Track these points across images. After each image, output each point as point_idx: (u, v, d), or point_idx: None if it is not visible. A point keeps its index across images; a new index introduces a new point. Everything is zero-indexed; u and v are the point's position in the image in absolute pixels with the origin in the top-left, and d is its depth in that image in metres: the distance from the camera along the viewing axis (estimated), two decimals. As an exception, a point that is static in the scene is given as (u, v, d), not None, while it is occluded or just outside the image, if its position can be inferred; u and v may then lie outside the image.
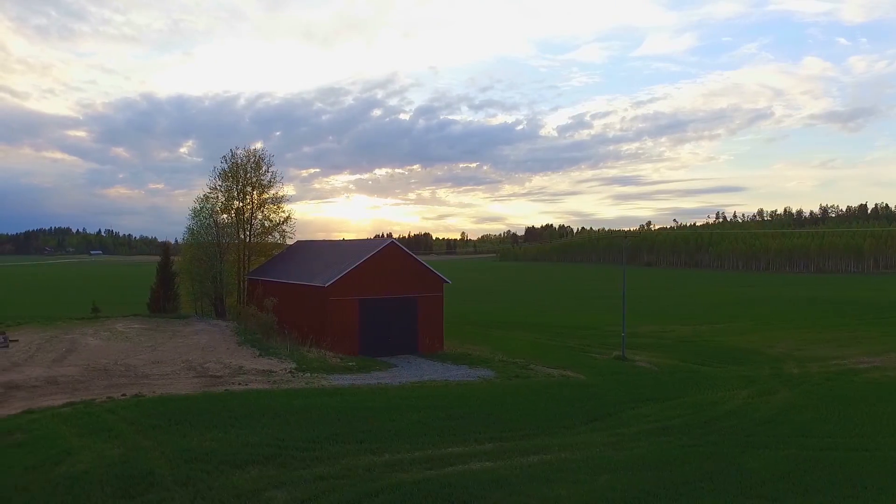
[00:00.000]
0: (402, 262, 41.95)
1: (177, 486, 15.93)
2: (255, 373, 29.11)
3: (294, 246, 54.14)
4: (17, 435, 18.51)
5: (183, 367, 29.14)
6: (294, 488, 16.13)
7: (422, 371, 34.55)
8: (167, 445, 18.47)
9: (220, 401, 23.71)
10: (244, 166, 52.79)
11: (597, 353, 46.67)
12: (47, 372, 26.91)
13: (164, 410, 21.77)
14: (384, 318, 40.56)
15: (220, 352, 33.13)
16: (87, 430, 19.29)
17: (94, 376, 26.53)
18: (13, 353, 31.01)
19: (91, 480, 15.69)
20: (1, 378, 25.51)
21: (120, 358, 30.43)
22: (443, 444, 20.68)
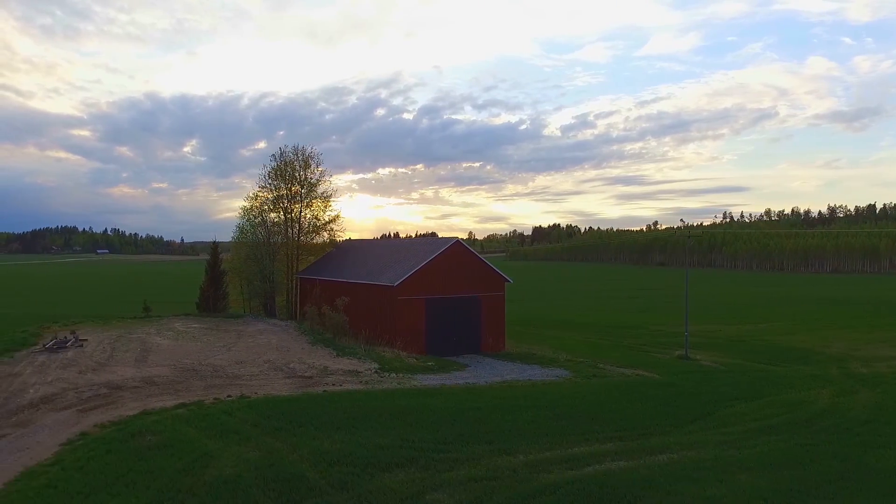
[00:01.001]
0: (465, 261, 41.46)
1: (333, 489, 15.47)
2: (342, 373, 28.59)
3: (343, 245, 53.58)
4: (149, 437, 17.98)
5: (268, 368, 28.62)
6: (453, 491, 15.70)
7: (498, 371, 34.02)
8: (301, 447, 17.98)
9: (327, 402, 23.17)
10: (292, 164, 52.25)
11: (656, 353, 46.21)
12: (139, 372, 26.38)
13: (277, 412, 21.24)
14: (449, 317, 40.08)
15: (295, 352, 32.61)
16: (215, 433, 18.76)
17: (187, 377, 26.00)
18: (92, 352, 30.50)
19: (247, 484, 15.20)
20: (99, 378, 25.00)
21: (201, 358, 29.89)
22: (566, 444, 20.31)
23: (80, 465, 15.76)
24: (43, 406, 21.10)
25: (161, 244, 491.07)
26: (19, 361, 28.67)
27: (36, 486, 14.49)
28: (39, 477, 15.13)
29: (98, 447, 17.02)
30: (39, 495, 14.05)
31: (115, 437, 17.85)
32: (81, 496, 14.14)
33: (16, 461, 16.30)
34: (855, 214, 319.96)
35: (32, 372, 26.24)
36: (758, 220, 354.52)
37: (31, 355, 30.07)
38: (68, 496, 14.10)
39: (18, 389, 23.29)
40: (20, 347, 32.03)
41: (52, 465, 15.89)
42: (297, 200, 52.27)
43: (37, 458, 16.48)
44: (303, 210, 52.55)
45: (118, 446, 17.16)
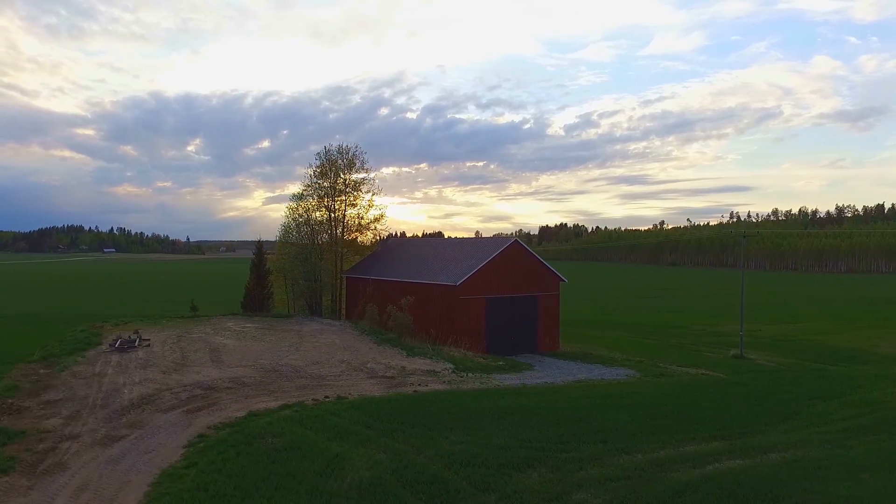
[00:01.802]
0: (523, 261, 41.21)
1: (477, 490, 15.17)
2: (422, 373, 28.28)
3: (390, 244, 53.25)
4: (270, 439, 17.65)
5: (346, 368, 28.29)
6: (596, 491, 15.43)
7: (567, 371, 33.69)
8: (424, 449, 17.66)
9: (425, 402, 22.80)
10: (336, 164, 51.89)
11: (707, 352, 45.93)
12: (222, 373, 26.04)
13: (382, 413, 20.89)
14: (507, 316, 39.82)
15: (365, 352, 32.28)
16: (333, 435, 18.42)
17: (273, 377, 25.65)
18: (163, 352, 30.17)
19: (393, 487, 14.88)
20: (186, 379, 24.69)
21: (275, 358, 29.56)
22: (675, 443, 20.03)
23: (217, 468, 15.42)
24: (146, 407, 20.78)
25: (167, 243, 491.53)
26: (95, 361, 28.40)
27: (185, 489, 14.16)
28: (182, 479, 14.80)
29: (226, 449, 16.67)
30: (194, 498, 13.72)
31: (237, 440, 17.50)
32: (236, 498, 13.83)
33: (149, 462, 15.99)
34: (864, 214, 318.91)
35: (115, 372, 25.93)
36: (765, 219, 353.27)
37: (104, 355, 29.79)
38: (223, 499, 13.77)
39: (112, 390, 22.99)
40: (87, 347, 31.81)
41: (188, 468, 15.56)
42: (342, 200, 51.92)
43: (167, 460, 16.17)
44: (347, 209, 52.24)
45: (245, 449, 16.81)
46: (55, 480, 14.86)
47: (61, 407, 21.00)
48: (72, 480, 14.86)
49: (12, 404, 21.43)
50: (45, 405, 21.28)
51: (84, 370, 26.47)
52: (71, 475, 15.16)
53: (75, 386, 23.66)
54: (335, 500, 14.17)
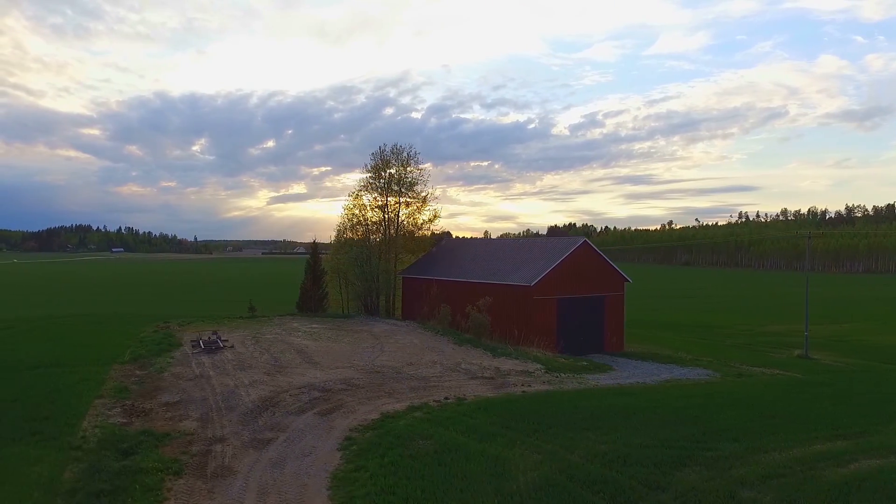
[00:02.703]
0: (592, 261, 41.06)
1: (650, 489, 14.94)
2: (517, 374, 28.09)
3: (443, 245, 53.05)
4: (421, 441, 17.45)
5: (443, 369, 28.07)
6: (760, 489, 15.22)
7: (647, 371, 33.49)
8: (574, 449, 17.41)
9: (543, 403, 22.60)
10: (389, 163, 51.66)
11: (769, 352, 45.75)
12: (326, 374, 25.81)
13: (510, 414, 20.65)
14: (576, 316, 39.66)
15: (450, 352, 32.08)
16: (478, 436, 18.12)
17: (379, 379, 25.41)
18: (251, 353, 29.93)
19: (569, 487, 14.70)
20: (295, 380, 24.45)
21: (368, 359, 29.32)
22: (802, 443, 19.70)
23: (390, 471, 15.19)
24: (274, 409, 20.59)
25: (174, 243, 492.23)
26: (186, 362, 28.23)
27: (373, 492, 13.93)
28: (358, 482, 14.57)
29: (387, 452, 16.43)
30: (387, 502, 13.58)
31: (389, 442, 17.29)
32: (429, 501, 13.66)
33: (312, 465, 15.80)
34: (874, 214, 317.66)
35: (217, 374, 25.74)
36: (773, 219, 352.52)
37: (193, 356, 29.63)
38: (416, 501, 13.61)
39: (227, 392, 22.80)
40: (170, 348, 31.62)
41: (357, 471, 15.35)
42: (396, 199, 51.69)
43: (330, 463, 15.99)
44: (401, 209, 52.01)
45: (404, 451, 16.59)
46: (231, 483, 14.69)
47: (185, 409, 20.83)
48: (248, 484, 14.68)
49: (133, 406, 21.31)
50: (167, 407, 21.11)
51: (183, 371, 26.31)
52: (244, 479, 14.97)
53: (186, 388, 23.48)
54: (523, 500, 14.01)
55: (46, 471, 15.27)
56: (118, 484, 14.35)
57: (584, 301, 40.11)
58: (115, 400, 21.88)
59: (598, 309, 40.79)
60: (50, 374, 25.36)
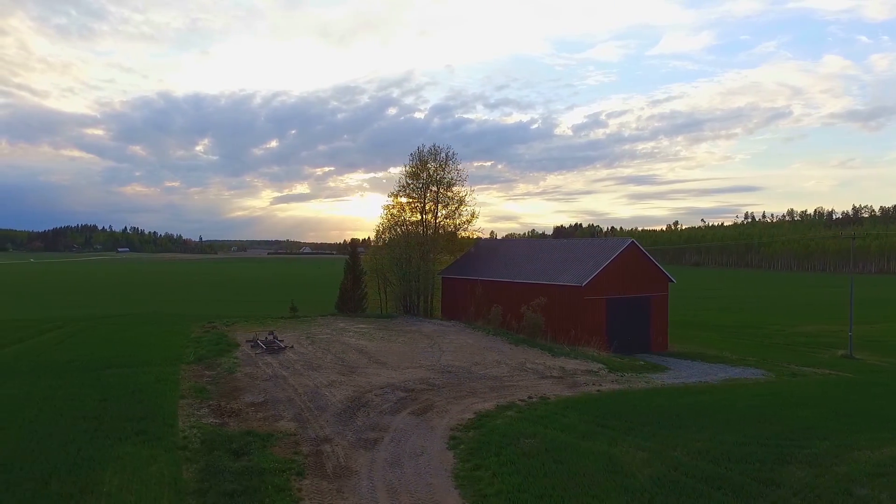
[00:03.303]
0: (638, 262, 41.21)
1: (764, 486, 15.10)
2: (584, 373, 28.16)
3: (481, 245, 53.14)
4: (525, 440, 17.54)
5: (510, 369, 28.13)
6: (873, 486, 15.34)
7: (700, 370, 33.53)
8: (677, 447, 17.50)
9: (623, 401, 22.78)
10: (427, 164, 51.72)
11: (811, 352, 45.73)
12: (402, 374, 25.86)
13: (598, 413, 20.72)
14: (624, 316, 39.79)
15: (509, 352, 32.14)
16: (578, 434, 18.22)
17: (455, 379, 25.43)
18: (312, 353, 29.97)
19: (689, 483, 14.83)
20: (375, 380, 24.52)
21: (433, 359, 29.37)
22: (888, 441, 19.82)
23: (511, 469, 15.24)
24: (367, 409, 20.66)
25: (179, 243, 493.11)
26: (253, 362, 28.32)
27: (506, 490, 14.05)
28: (484, 481, 14.66)
29: (501, 451, 16.52)
30: (521, 500, 13.63)
31: (496, 440, 17.39)
32: (565, 499, 13.76)
33: (429, 465, 15.87)
34: (881, 215, 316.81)
35: (291, 374, 25.81)
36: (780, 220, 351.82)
37: (257, 356, 29.76)
38: (549, 499, 13.70)
39: (310, 392, 22.88)
40: (228, 348, 31.76)
41: (477, 470, 15.43)
42: (434, 200, 51.76)
43: (445, 462, 16.06)
44: (439, 210, 52.06)
45: (515, 449, 16.65)
46: (357, 483, 14.76)
47: (274, 409, 20.88)
48: (374, 483, 14.75)
49: (220, 406, 21.39)
50: (255, 407, 21.18)
51: (255, 372, 26.38)
52: (368, 478, 15.04)
53: (266, 388, 23.55)
54: (650, 497, 14.10)
55: (164, 470, 15.35)
56: (247, 484, 14.40)
57: (631, 301, 40.25)
58: (198, 400, 21.95)
59: (644, 309, 40.92)
60: (123, 374, 25.48)
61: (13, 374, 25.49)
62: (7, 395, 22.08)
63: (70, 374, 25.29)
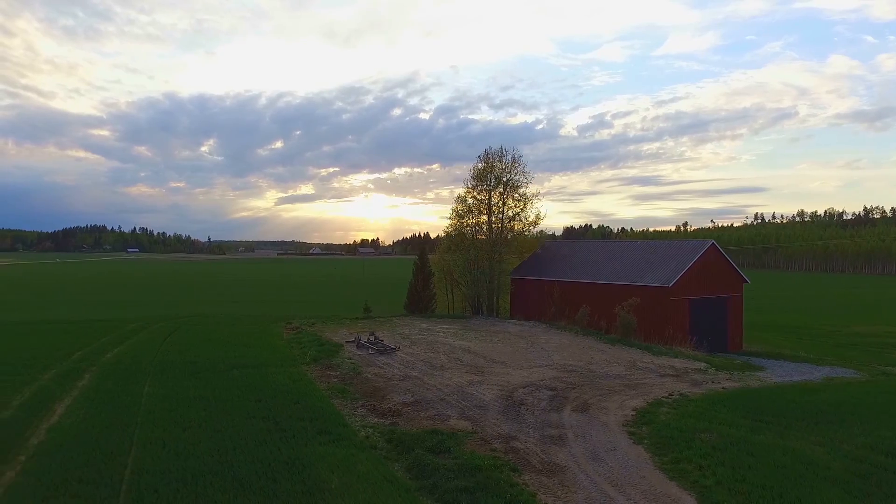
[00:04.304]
0: (717, 263, 41.91)
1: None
2: (695, 371, 28.72)
3: (547, 246, 53.78)
4: (702, 435, 18.07)
5: (626, 368, 28.59)
6: None
7: (791, 369, 34.03)
8: (844, 442, 17.95)
9: (753, 398, 23.52)
10: (493, 164, 52.33)
11: (884, 352, 46.33)
12: (531, 374, 26.40)
13: (743, 409, 21.20)
14: (705, 317, 40.48)
15: (611, 351, 32.70)
16: (744, 429, 18.78)
17: (587, 378, 25.88)
18: (426, 354, 30.52)
19: (883, 477, 15.36)
20: (513, 380, 25.03)
21: (544, 359, 29.96)
22: None
23: (716, 462, 15.78)
24: (524, 407, 21.21)
25: (188, 243, 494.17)
26: (372, 363, 28.77)
27: (723, 481, 14.59)
28: (694, 473, 15.19)
29: (691, 445, 17.09)
30: (746, 490, 14.14)
31: (673, 435, 17.95)
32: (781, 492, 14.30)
33: (630, 459, 16.40)
34: (892, 216, 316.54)
35: (420, 375, 26.26)
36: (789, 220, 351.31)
37: (369, 356, 30.30)
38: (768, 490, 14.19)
39: (454, 391, 23.39)
40: (335, 350, 32.21)
41: (677, 463, 15.94)
42: (501, 201, 52.39)
43: (644, 457, 16.59)
44: (505, 211, 52.68)
45: (702, 444, 17.17)
46: (575, 477, 15.27)
47: (434, 408, 21.34)
48: (591, 477, 15.24)
49: (375, 406, 21.88)
50: (412, 407, 21.64)
51: (381, 372, 26.84)
52: (582, 473, 15.54)
53: (409, 388, 24.02)
54: (857, 487, 14.64)
55: (372, 469, 15.61)
56: (474, 480, 14.77)
57: (711, 301, 40.94)
58: (346, 401, 22.39)
59: (722, 309, 41.62)
60: (252, 374, 25.91)
61: (145, 375, 25.94)
62: (157, 394, 22.47)
63: (202, 375, 25.65)
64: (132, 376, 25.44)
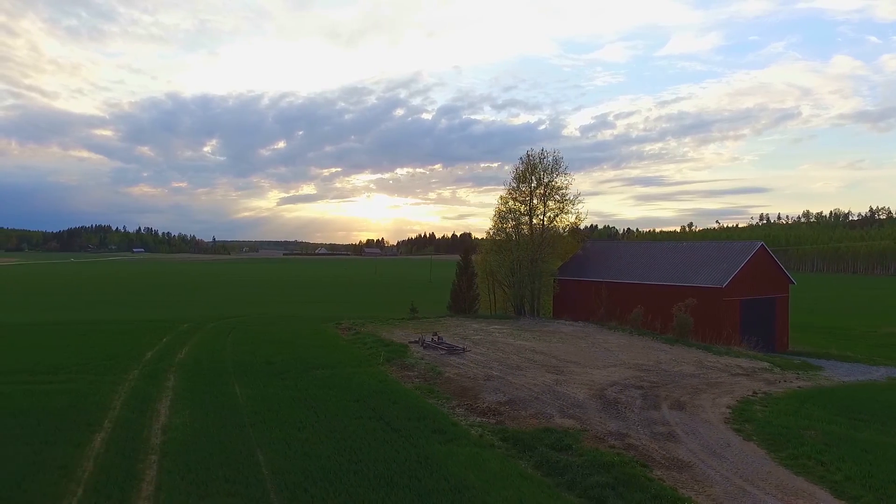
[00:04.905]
0: (766, 264, 42.55)
1: None
2: (763, 370, 29.35)
3: (588, 247, 54.36)
4: (810, 433, 18.66)
5: (695, 366, 29.21)
6: None
7: (850, 369, 34.75)
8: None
9: (833, 396, 24.16)
10: (534, 166, 52.86)
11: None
12: (610, 373, 27.01)
13: (830, 407, 21.86)
14: (754, 317, 41.13)
15: (673, 351, 33.31)
16: (844, 426, 19.51)
17: (657, 377, 26.51)
18: (496, 355, 31.01)
19: None
20: (596, 379, 25.57)
21: (614, 358, 30.62)
22: None
23: (836, 457, 16.36)
24: (621, 405, 21.77)
25: (193, 243, 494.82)
26: (446, 363, 29.21)
27: (852, 477, 15.15)
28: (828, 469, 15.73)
29: (804, 442, 17.65)
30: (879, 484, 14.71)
31: (782, 433, 18.48)
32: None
33: (748, 455, 16.96)
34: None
35: (501, 374, 26.74)
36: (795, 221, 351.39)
37: (441, 357, 30.76)
38: None
39: (547, 391, 23.92)
40: (403, 350, 32.61)
41: (796, 459, 16.47)
42: (542, 203, 52.91)
43: (759, 453, 17.18)
44: (547, 213, 53.18)
45: (813, 441, 17.75)
46: (704, 472, 15.78)
47: (532, 407, 21.84)
48: (723, 474, 15.72)
49: (471, 406, 22.35)
50: (509, 406, 22.09)
51: (462, 372, 27.26)
52: (711, 469, 16.04)
53: (499, 388, 24.45)
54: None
55: (503, 467, 15.85)
56: (612, 476, 15.18)
57: (760, 302, 41.58)
58: (440, 400, 22.76)
59: (770, 309, 42.23)
60: (335, 375, 26.30)
61: (227, 375, 26.21)
62: (251, 395, 22.61)
63: (286, 376, 25.84)
64: (216, 377, 25.71)
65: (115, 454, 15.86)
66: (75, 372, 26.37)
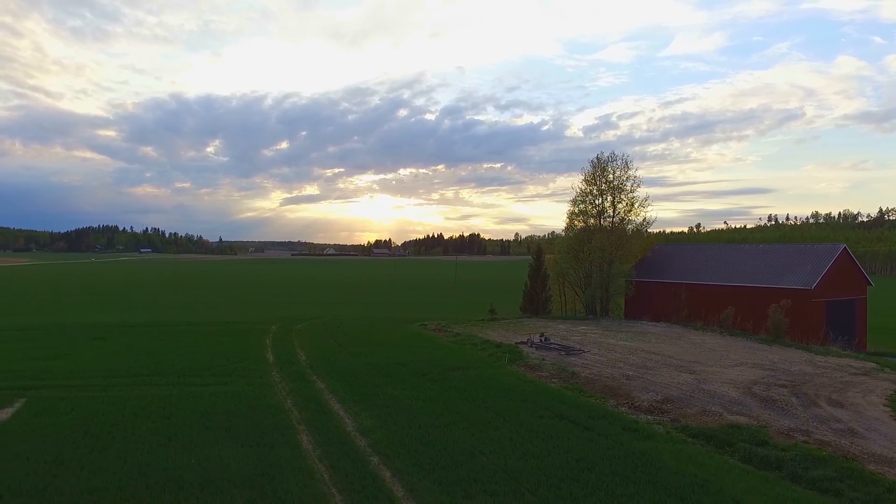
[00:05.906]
0: (847, 266, 43.65)
1: None
2: (874, 370, 30.40)
3: (656, 250, 55.53)
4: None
5: (807, 365, 30.35)
6: None
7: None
8: None
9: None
10: (604, 167, 53.88)
11: None
12: (739, 372, 28.10)
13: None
14: (836, 317, 42.22)
15: (772, 351, 34.48)
16: None
17: (785, 377, 27.61)
18: (612, 357, 31.98)
19: None
20: (733, 377, 26.68)
21: (726, 359, 31.71)
22: None
23: None
24: (776, 403, 22.81)
25: (199, 244, 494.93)
26: (573, 364, 30.03)
27: None
28: None
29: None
30: None
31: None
32: None
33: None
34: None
35: (637, 374, 27.68)
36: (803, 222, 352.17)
37: (562, 358, 31.73)
38: None
39: (695, 389, 24.93)
40: (515, 351, 33.48)
41: None
42: (612, 205, 53.99)
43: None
44: (616, 214, 54.22)
45: None
46: None
47: (694, 405, 22.65)
48: None
49: (631, 405, 23.30)
50: (672, 404, 22.75)
51: (598, 372, 28.09)
52: None
53: (646, 387, 25.37)
54: None
55: (711, 460, 16.59)
56: (834, 469, 16.06)
57: (842, 303, 42.75)
58: (597, 400, 23.58)
59: (851, 310, 43.39)
60: (476, 375, 26.83)
61: (372, 377, 26.56)
62: (415, 396, 22.84)
63: (431, 377, 26.36)
64: (362, 378, 26.03)
65: (336, 456, 16.11)
66: (219, 374, 26.91)
